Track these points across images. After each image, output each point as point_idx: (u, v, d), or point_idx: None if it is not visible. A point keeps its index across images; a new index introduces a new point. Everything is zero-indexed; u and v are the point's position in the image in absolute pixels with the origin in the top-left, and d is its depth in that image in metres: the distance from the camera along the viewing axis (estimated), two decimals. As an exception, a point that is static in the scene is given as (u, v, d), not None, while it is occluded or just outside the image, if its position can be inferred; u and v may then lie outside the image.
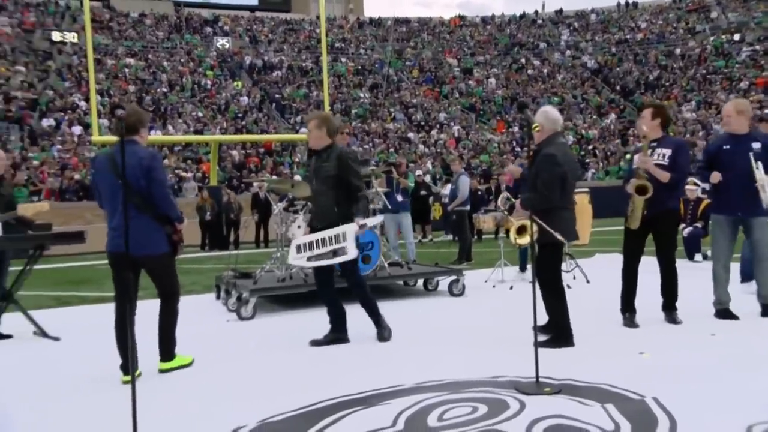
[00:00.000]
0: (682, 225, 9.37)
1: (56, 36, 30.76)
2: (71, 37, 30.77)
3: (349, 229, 4.73)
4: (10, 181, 16.78)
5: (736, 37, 35.28)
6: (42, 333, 5.56)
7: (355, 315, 6.05)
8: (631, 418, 3.03)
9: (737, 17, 37.12)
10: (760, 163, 4.99)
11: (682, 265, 8.50)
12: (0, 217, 5.40)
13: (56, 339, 5.49)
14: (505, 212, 5.76)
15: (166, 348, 4.31)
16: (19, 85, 25.31)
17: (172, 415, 3.41)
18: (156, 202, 4.11)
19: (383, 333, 5.03)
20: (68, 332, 5.64)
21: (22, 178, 17.86)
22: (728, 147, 5.23)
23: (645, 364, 4.00)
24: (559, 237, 4.31)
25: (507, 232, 7.07)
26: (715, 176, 5.17)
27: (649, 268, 5.20)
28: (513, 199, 5.17)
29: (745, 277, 6.30)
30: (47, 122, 23.26)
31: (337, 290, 5.06)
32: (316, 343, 4.91)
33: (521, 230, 5.09)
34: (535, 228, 4.07)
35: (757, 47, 33.75)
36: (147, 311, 4.39)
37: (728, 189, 5.17)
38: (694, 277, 7.51)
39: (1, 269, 5.64)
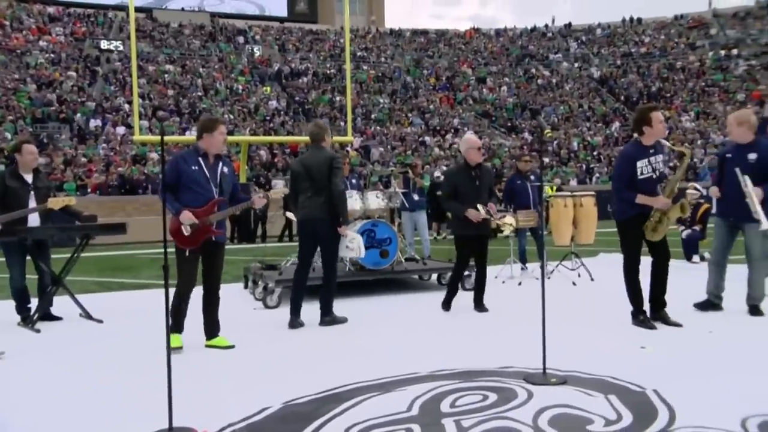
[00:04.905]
0: (681, 227, 9.24)
1: (104, 44, 31.14)
2: (117, 45, 31.11)
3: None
4: (60, 176, 16.94)
5: (734, 52, 34.75)
6: (87, 315, 5.64)
7: (374, 305, 6.06)
8: (633, 409, 2.98)
9: (735, 34, 36.57)
10: (747, 177, 4.89)
11: (680, 265, 8.43)
12: (30, 210, 5.33)
13: (99, 321, 5.55)
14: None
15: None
16: (70, 89, 25.65)
17: (204, 395, 3.42)
18: None
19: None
20: (110, 315, 5.69)
21: (71, 174, 18.12)
22: (730, 155, 5.23)
23: (646, 359, 3.94)
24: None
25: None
26: (714, 191, 5.36)
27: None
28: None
29: None
30: (94, 123, 23.54)
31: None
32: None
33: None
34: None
35: (753, 62, 33.24)
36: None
37: (725, 194, 5.21)
38: (692, 276, 7.41)
39: (43, 256, 5.61)
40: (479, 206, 5.44)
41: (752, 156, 5.02)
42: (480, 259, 5.71)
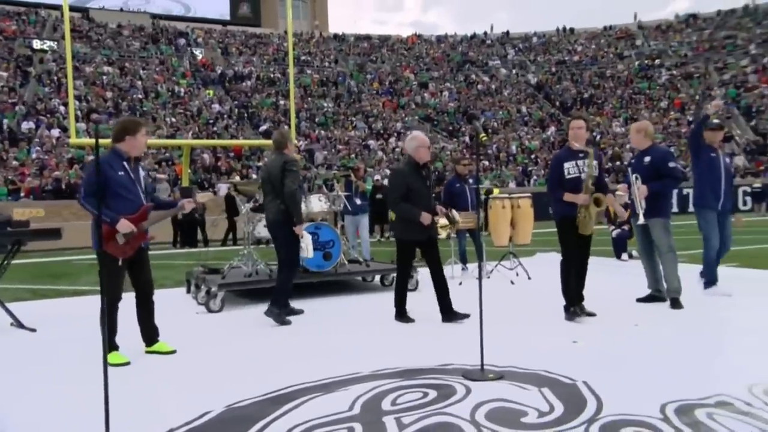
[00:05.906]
0: (611, 227, 9.63)
1: (37, 44, 29.70)
2: (51, 45, 29.74)
3: None
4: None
5: (657, 62, 36.55)
6: (18, 324, 5.37)
7: (318, 307, 6.04)
8: (564, 400, 3.10)
9: (657, 45, 38.46)
10: (637, 176, 5.54)
11: (610, 263, 8.80)
12: None
13: (32, 330, 5.30)
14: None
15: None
16: (0, 89, 24.38)
17: (144, 401, 3.34)
18: None
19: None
20: (44, 323, 5.44)
21: (1, 177, 17.24)
22: (633, 160, 5.83)
23: (578, 352, 4.10)
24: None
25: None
26: (623, 188, 5.95)
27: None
28: None
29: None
30: (27, 125, 22.43)
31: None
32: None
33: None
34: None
35: (674, 72, 35.05)
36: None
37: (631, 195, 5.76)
38: (622, 274, 7.77)
39: None
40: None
41: (647, 159, 5.61)
42: (435, 265, 5.28)
